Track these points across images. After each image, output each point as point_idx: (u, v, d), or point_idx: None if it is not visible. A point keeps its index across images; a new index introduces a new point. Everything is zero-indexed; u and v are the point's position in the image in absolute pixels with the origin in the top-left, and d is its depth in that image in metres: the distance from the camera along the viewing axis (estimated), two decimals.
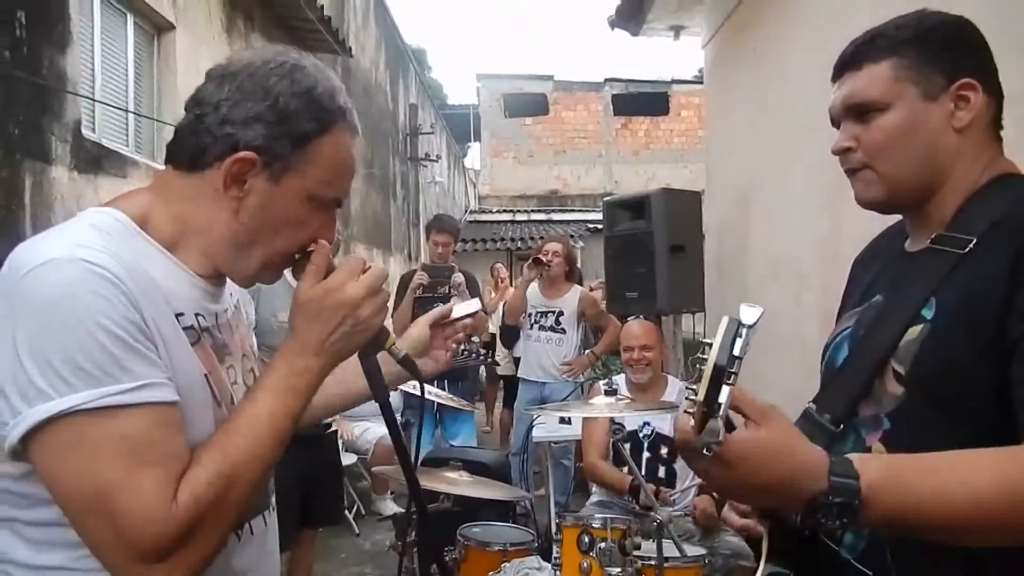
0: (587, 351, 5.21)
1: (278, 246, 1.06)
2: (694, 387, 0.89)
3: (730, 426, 0.90)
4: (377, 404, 1.16)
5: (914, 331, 1.05)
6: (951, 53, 1.11)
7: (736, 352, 0.87)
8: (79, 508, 0.88)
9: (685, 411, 0.91)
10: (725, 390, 0.87)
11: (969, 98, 1.09)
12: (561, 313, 5.12)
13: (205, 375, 1.02)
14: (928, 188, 1.13)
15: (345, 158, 1.08)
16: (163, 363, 0.93)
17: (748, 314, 0.89)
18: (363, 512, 5.45)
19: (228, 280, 1.13)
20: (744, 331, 0.88)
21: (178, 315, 1.00)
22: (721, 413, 0.87)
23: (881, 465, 0.92)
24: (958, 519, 0.88)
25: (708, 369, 0.87)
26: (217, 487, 0.91)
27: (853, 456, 0.92)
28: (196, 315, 1.04)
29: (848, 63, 1.17)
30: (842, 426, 1.14)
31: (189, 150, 1.03)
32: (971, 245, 1.04)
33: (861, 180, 1.17)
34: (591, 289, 6.17)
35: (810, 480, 0.89)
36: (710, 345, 0.89)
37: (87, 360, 0.86)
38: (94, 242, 0.93)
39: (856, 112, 1.15)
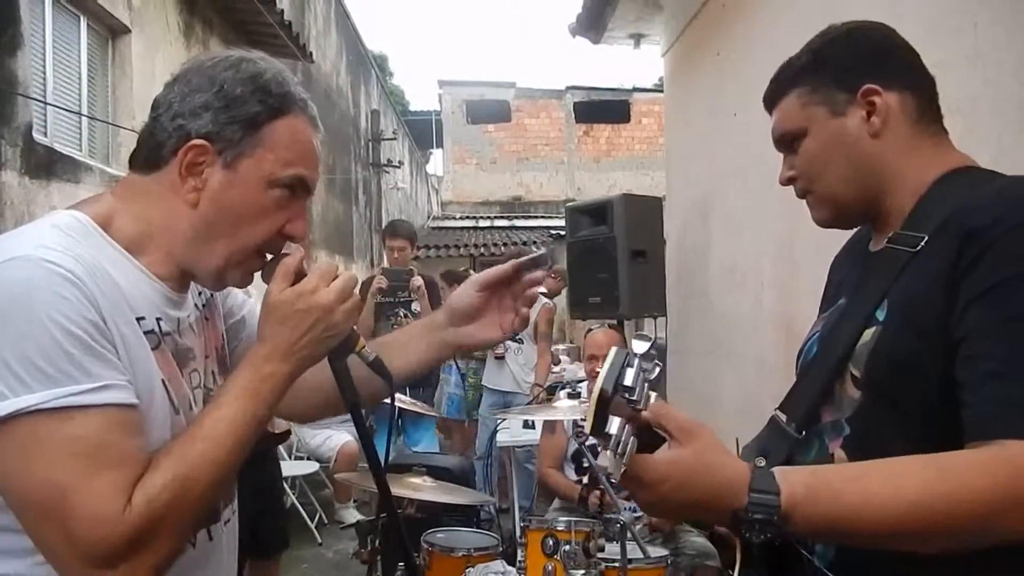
0: (534, 384, 5.20)
1: (241, 238, 1.04)
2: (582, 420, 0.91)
3: (658, 440, 0.91)
4: (345, 411, 1.16)
5: (868, 333, 1.05)
6: (848, 65, 1.13)
7: (627, 382, 0.86)
8: (31, 510, 0.87)
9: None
10: (615, 421, 0.85)
11: (875, 102, 1.10)
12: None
13: (163, 380, 1.01)
14: (870, 198, 1.13)
15: (304, 140, 1.07)
16: (122, 365, 0.92)
17: (639, 345, 0.90)
18: (325, 521, 5.39)
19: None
20: (636, 361, 0.88)
21: (139, 319, 0.99)
22: (618, 445, 0.85)
23: (804, 477, 0.91)
24: (888, 526, 0.87)
25: (593, 398, 0.87)
26: (173, 490, 0.90)
27: (777, 469, 0.91)
28: (157, 319, 1.03)
29: (768, 102, 1.22)
30: (805, 432, 1.13)
31: (146, 150, 1.05)
32: (922, 243, 1.04)
33: (810, 205, 1.21)
34: (552, 277, 6.24)
35: (731, 496, 0.89)
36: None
37: (44, 360, 0.85)
38: (56, 242, 0.92)
39: (786, 143, 1.19)
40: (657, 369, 0.90)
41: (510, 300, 1.31)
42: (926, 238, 1.03)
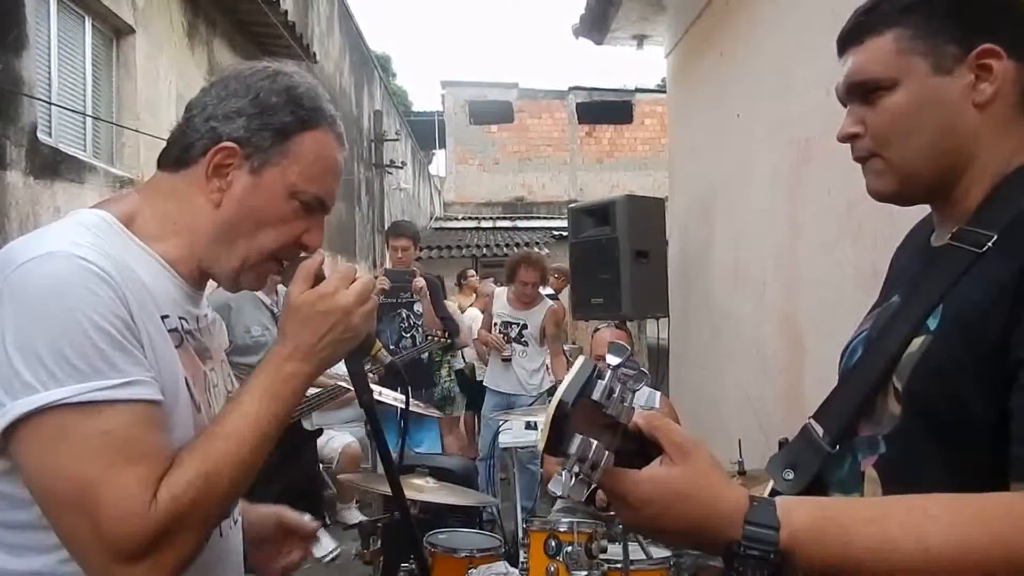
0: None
1: (259, 242, 1.07)
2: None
3: (650, 454, 0.83)
4: (343, 412, 1.18)
5: (916, 342, 0.91)
6: (965, 15, 0.95)
7: (596, 396, 0.77)
8: (58, 504, 0.88)
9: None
10: (577, 439, 0.76)
11: (991, 67, 0.92)
12: (525, 326, 5.16)
13: (186, 379, 1.02)
14: (947, 177, 0.97)
15: (329, 157, 1.10)
16: (148, 363, 0.93)
17: (613, 357, 0.81)
18: (328, 521, 5.39)
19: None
20: (608, 373, 0.78)
21: (163, 317, 1.01)
22: (582, 463, 0.76)
23: (811, 512, 0.80)
24: (905, 573, 0.77)
25: (548, 412, 0.78)
26: (197, 488, 0.91)
27: (780, 500, 0.81)
28: (180, 318, 1.05)
29: (850, 37, 1.02)
30: (839, 446, 0.99)
31: (177, 149, 1.07)
32: (989, 244, 0.89)
33: (871, 170, 1.02)
34: (556, 278, 6.26)
35: (724, 527, 0.79)
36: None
37: (75, 354, 0.86)
38: (86, 239, 0.94)
39: (860, 92, 1.00)
40: (644, 383, 0.82)
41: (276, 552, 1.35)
42: (995, 237, 0.89)
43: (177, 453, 0.94)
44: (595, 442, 0.77)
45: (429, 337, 4.94)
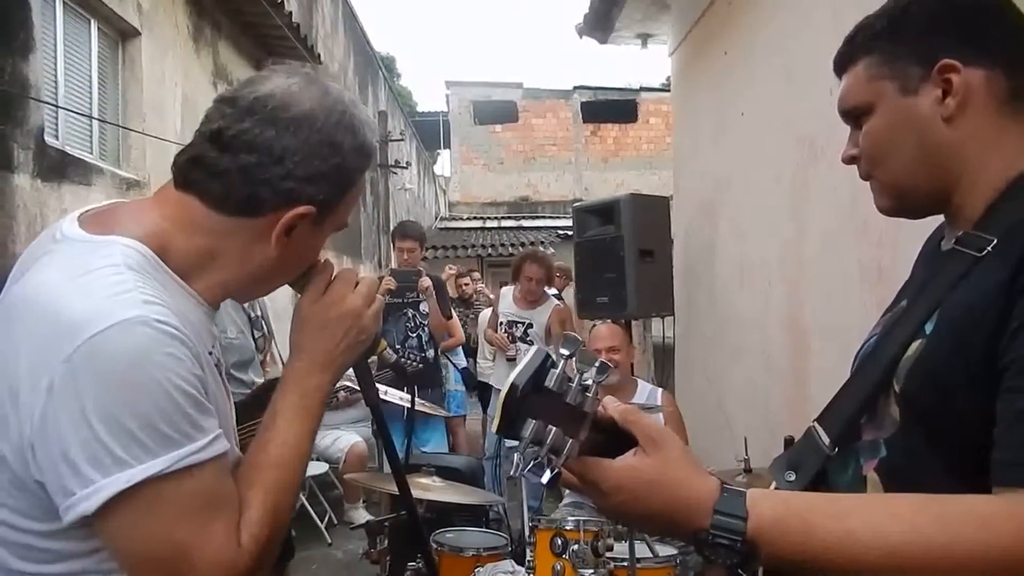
0: None
1: (295, 273, 1.08)
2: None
3: (625, 446, 0.85)
4: (349, 411, 1.19)
5: (914, 346, 0.92)
6: (928, 34, 0.96)
7: (550, 384, 0.79)
8: (153, 568, 0.88)
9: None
10: (531, 423, 0.78)
11: (951, 80, 0.94)
12: (530, 325, 5.16)
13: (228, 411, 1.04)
14: (941, 189, 0.98)
15: (361, 188, 1.09)
16: (214, 410, 0.93)
17: (566, 347, 0.82)
18: (335, 521, 5.40)
19: None
20: (561, 362, 0.80)
21: (209, 353, 0.99)
22: (540, 447, 0.79)
23: (778, 504, 0.82)
24: (864, 570, 0.78)
25: (501, 395, 0.79)
26: (269, 524, 0.94)
27: (751, 492, 0.82)
28: (211, 348, 1.02)
29: (838, 67, 1.06)
30: (839, 449, 1.00)
31: (240, 196, 0.97)
32: (989, 248, 0.89)
33: (872, 189, 1.05)
34: (557, 277, 6.27)
35: (692, 515, 0.81)
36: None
37: (168, 424, 0.85)
38: (147, 291, 0.89)
39: (850, 119, 1.05)
40: (607, 375, 0.83)
41: None
42: (994, 242, 0.89)
43: (239, 489, 0.95)
44: (553, 428, 0.79)
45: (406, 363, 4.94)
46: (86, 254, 0.91)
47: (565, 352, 0.81)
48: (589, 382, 0.81)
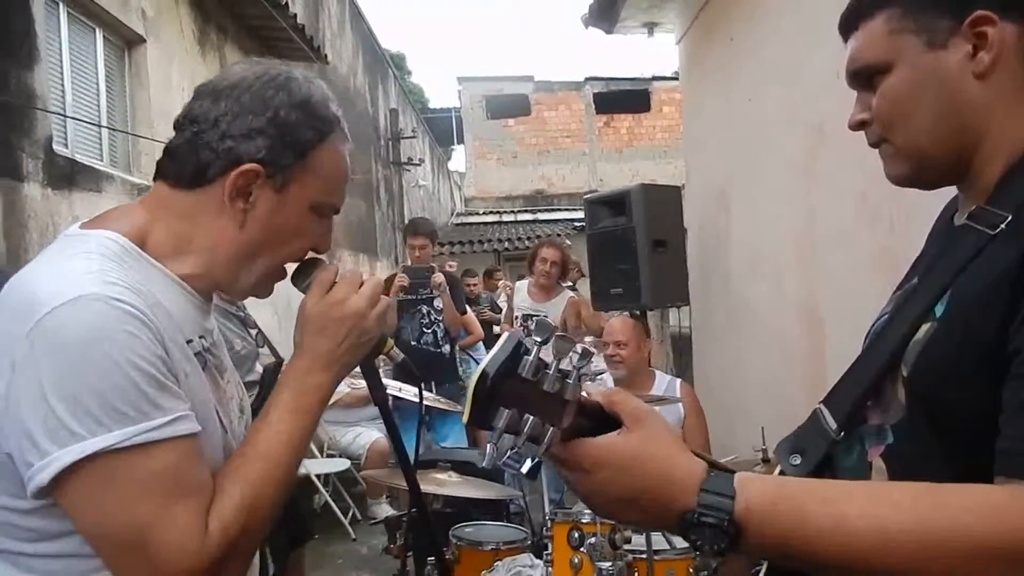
0: None
1: (281, 257, 1.08)
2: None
3: (611, 425, 0.81)
4: (368, 408, 1.21)
5: (923, 329, 0.88)
6: None
7: (525, 373, 0.75)
8: (114, 546, 0.89)
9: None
10: (504, 413, 0.74)
11: (987, 34, 0.88)
12: (546, 317, 5.13)
13: (214, 403, 1.03)
14: (960, 155, 0.93)
15: (341, 165, 1.10)
16: (183, 394, 0.94)
17: (537, 333, 0.78)
18: (359, 517, 5.45)
19: None
20: (535, 348, 0.76)
21: (188, 341, 1.00)
22: (515, 436, 0.75)
23: (767, 487, 0.78)
24: (850, 558, 0.74)
25: (471, 383, 0.76)
26: (244, 514, 0.93)
27: (741, 474, 0.79)
28: (199, 337, 1.04)
29: (847, 24, 1.00)
30: (847, 432, 0.96)
31: (189, 167, 1.02)
32: (1003, 225, 0.84)
33: (884, 155, 0.99)
34: (572, 269, 6.26)
35: (678, 493, 0.77)
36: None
37: (121, 400, 0.86)
38: (111, 273, 0.91)
39: (862, 79, 0.98)
40: (590, 360, 0.80)
41: None
42: (1008, 219, 0.84)
43: (216, 479, 0.94)
44: (530, 417, 0.75)
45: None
46: (69, 246, 0.97)
47: (537, 339, 0.77)
48: (570, 368, 0.77)
